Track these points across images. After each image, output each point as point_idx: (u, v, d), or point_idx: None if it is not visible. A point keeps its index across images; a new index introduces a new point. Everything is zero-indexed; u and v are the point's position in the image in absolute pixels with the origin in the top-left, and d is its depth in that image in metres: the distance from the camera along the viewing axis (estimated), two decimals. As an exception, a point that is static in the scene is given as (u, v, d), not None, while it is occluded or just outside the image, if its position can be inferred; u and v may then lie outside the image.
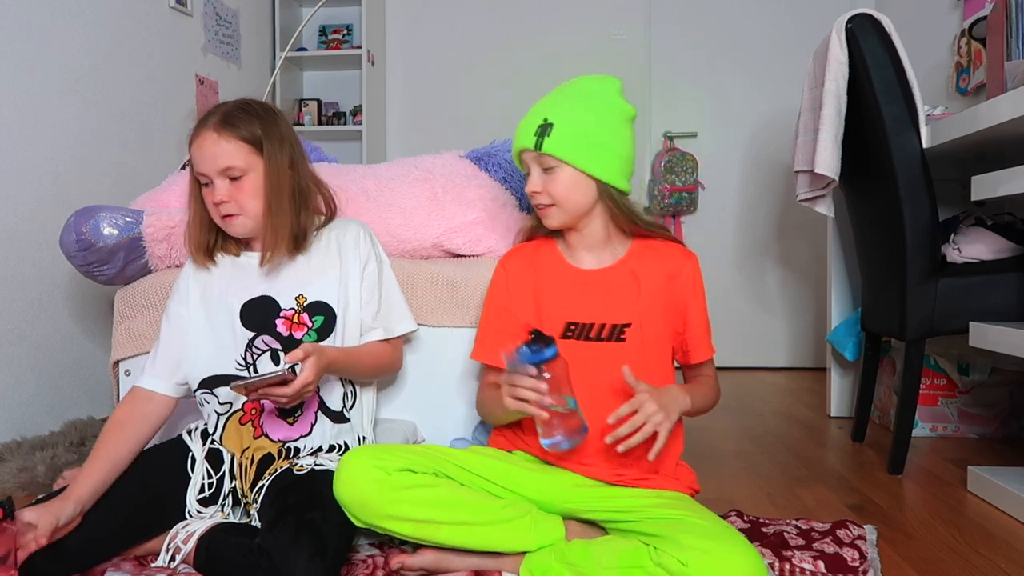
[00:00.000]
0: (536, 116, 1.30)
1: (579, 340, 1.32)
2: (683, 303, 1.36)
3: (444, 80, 3.90)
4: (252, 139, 1.34)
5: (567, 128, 1.28)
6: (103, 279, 1.68)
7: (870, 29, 1.89)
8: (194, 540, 1.25)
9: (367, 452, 1.23)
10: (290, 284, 1.41)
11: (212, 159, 1.32)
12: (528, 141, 1.29)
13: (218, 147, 1.32)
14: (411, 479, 1.20)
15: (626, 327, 1.31)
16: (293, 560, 1.09)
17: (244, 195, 1.34)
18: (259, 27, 3.61)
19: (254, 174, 1.34)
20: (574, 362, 1.28)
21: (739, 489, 1.76)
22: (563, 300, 1.34)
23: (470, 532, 1.20)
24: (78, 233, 1.59)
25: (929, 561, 1.34)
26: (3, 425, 2.07)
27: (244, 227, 1.37)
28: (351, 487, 1.19)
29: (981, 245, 1.93)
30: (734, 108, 3.73)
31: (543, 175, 1.30)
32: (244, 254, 1.44)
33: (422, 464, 1.23)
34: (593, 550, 1.16)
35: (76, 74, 2.39)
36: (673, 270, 1.36)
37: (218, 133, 1.32)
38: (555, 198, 1.30)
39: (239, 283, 1.41)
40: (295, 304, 1.40)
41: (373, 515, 1.19)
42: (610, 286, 1.34)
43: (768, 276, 3.74)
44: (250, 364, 1.38)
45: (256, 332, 1.38)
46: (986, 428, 2.28)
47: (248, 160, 1.34)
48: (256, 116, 1.36)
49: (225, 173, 1.33)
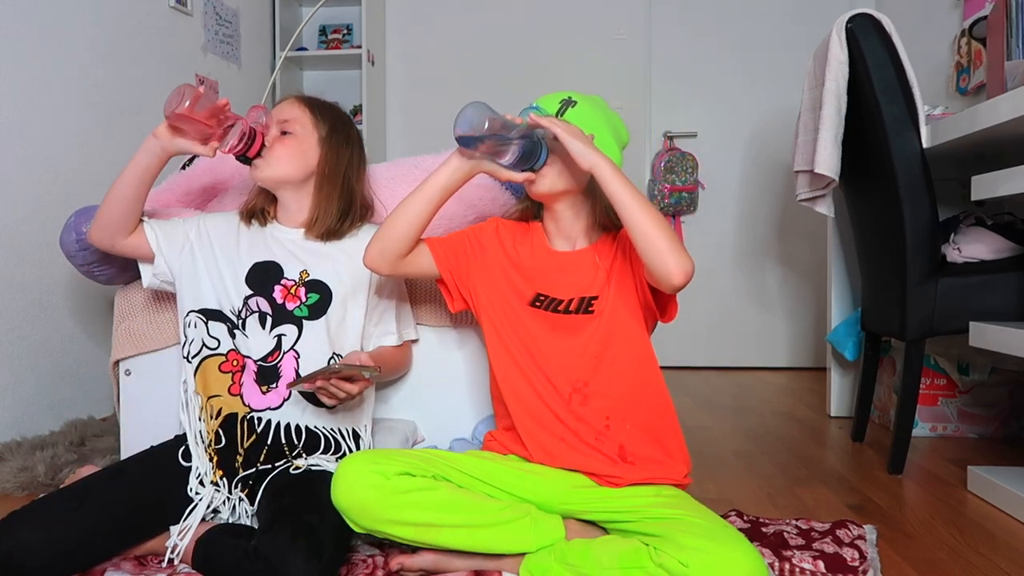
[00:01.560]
0: (559, 93, 1.36)
1: (548, 311, 1.34)
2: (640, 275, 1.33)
3: (444, 80, 3.90)
4: (317, 114, 1.47)
5: (588, 110, 1.35)
6: (103, 279, 1.68)
7: (870, 29, 1.89)
8: (189, 536, 1.26)
9: (364, 458, 1.22)
10: (300, 258, 1.46)
11: (279, 111, 1.46)
12: (551, 108, 1.34)
13: (287, 105, 1.47)
14: (410, 483, 1.20)
15: (594, 299, 1.32)
16: (289, 562, 1.09)
17: (281, 149, 1.42)
18: (259, 27, 3.61)
19: (302, 138, 1.44)
20: (544, 332, 1.34)
21: (739, 489, 1.76)
22: (535, 274, 1.37)
23: (471, 534, 1.21)
24: (78, 233, 1.59)
25: (929, 561, 1.34)
26: (3, 425, 2.08)
27: (265, 175, 1.44)
28: (350, 493, 1.18)
29: (981, 245, 1.93)
30: (734, 108, 3.73)
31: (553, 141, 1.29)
32: (273, 224, 1.51)
33: (420, 468, 1.23)
34: (593, 550, 1.16)
35: (76, 74, 2.39)
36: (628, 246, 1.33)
37: (298, 101, 1.48)
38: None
39: (258, 246, 1.47)
40: (297, 277, 1.44)
41: (373, 520, 1.19)
42: (579, 265, 1.36)
43: (768, 276, 3.74)
44: (241, 319, 1.42)
45: (254, 292, 1.43)
46: (986, 428, 2.28)
47: (303, 124, 1.45)
48: (332, 109, 1.51)
49: (281, 125, 1.44)
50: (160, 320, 1.65)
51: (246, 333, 1.40)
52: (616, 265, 1.33)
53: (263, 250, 1.47)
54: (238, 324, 1.41)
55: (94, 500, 1.22)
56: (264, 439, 1.36)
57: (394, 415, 1.68)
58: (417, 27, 3.93)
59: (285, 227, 1.50)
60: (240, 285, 1.43)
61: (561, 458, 1.31)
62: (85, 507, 1.20)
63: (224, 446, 1.35)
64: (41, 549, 1.14)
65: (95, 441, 2.05)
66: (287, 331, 1.41)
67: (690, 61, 3.76)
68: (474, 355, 1.65)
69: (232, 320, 1.42)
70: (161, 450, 1.38)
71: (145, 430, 1.57)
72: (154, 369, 1.65)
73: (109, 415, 2.32)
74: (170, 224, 1.49)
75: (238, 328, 1.41)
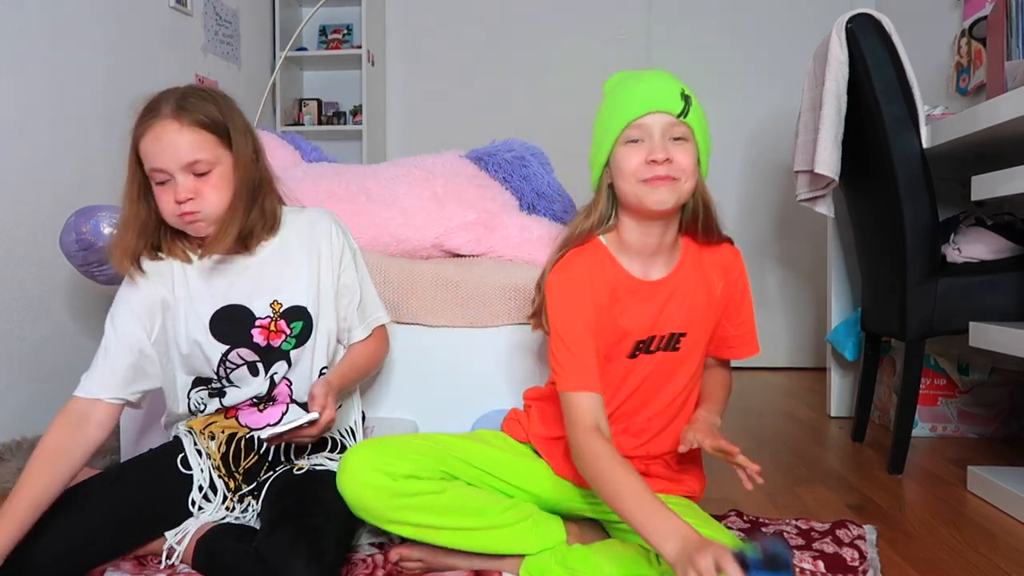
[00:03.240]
0: (674, 84, 1.19)
1: (644, 355, 1.25)
2: (729, 301, 1.31)
3: (444, 80, 3.90)
4: (217, 127, 1.21)
5: (699, 109, 1.20)
6: (103, 279, 1.68)
7: (870, 29, 1.89)
8: (188, 539, 1.25)
9: (372, 450, 1.19)
10: (260, 288, 1.31)
11: (174, 152, 1.18)
12: (673, 105, 1.16)
13: (181, 137, 1.18)
14: (416, 486, 1.18)
15: (681, 336, 1.25)
16: (291, 565, 1.09)
17: (211, 191, 1.21)
18: (259, 27, 3.61)
19: (220, 168, 1.22)
20: (632, 376, 1.25)
21: (739, 489, 1.75)
22: (630, 317, 1.22)
23: (470, 537, 1.21)
24: (78, 233, 1.59)
25: (929, 561, 1.34)
26: (3, 425, 2.07)
27: (210, 227, 1.24)
28: (353, 490, 1.18)
29: (981, 245, 1.93)
30: (734, 108, 3.73)
31: (670, 144, 1.16)
32: (214, 257, 1.30)
33: (429, 468, 1.20)
34: (594, 555, 1.16)
35: (76, 74, 2.39)
36: (723, 271, 1.30)
37: (179, 122, 1.18)
38: (683, 170, 1.16)
39: (202, 291, 1.29)
40: (271, 311, 1.31)
41: (374, 518, 1.19)
42: (670, 297, 1.24)
43: (768, 276, 3.74)
44: (223, 378, 1.32)
45: (230, 346, 1.30)
46: (986, 428, 2.28)
47: (213, 152, 1.21)
48: (213, 101, 1.23)
49: (190, 168, 1.19)
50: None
51: (237, 385, 1.32)
52: (708, 296, 1.27)
53: (212, 294, 1.29)
54: (222, 384, 1.32)
55: (95, 505, 1.22)
56: (265, 456, 1.35)
57: (394, 415, 1.67)
58: (417, 27, 3.93)
59: (231, 255, 1.30)
60: (209, 344, 1.28)
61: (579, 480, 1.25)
62: (86, 512, 1.20)
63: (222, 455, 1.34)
64: (42, 553, 1.14)
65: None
66: (279, 368, 1.33)
67: (690, 61, 3.76)
68: (474, 355, 1.65)
69: (214, 381, 1.32)
70: (160, 454, 1.36)
71: (145, 430, 1.58)
72: (154, 369, 1.64)
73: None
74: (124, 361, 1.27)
75: (225, 386, 1.32)
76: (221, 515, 1.32)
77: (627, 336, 1.23)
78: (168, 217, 1.24)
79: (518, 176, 1.88)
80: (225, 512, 1.32)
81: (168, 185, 1.22)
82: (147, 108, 1.23)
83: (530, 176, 1.90)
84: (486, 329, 1.64)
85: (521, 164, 1.90)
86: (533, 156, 1.93)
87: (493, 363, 1.64)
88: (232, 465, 1.34)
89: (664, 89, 1.18)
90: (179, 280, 1.30)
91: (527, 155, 1.92)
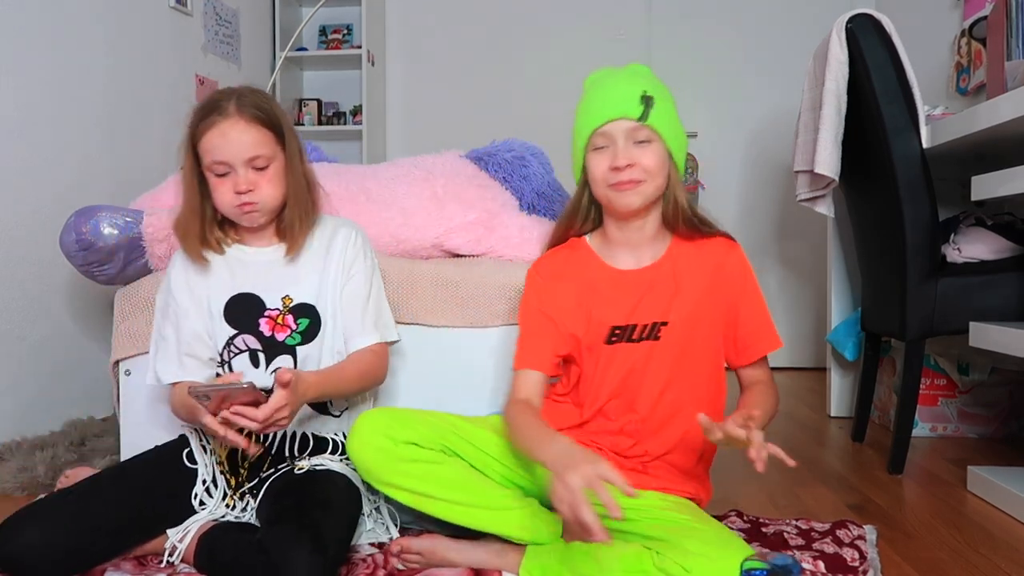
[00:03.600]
0: (634, 86, 1.22)
1: (625, 343, 1.27)
2: (731, 298, 1.30)
3: (444, 80, 3.90)
4: (275, 126, 1.32)
5: (664, 104, 1.23)
6: (103, 279, 1.68)
7: (870, 29, 1.89)
8: (189, 538, 1.26)
9: (380, 415, 1.25)
10: (277, 282, 1.37)
11: (239, 147, 1.27)
12: (632, 110, 1.20)
13: (246, 134, 1.28)
14: (416, 452, 1.22)
15: (662, 325, 1.26)
16: (293, 556, 1.09)
17: (267, 184, 1.31)
18: (259, 27, 3.61)
19: (276, 163, 1.32)
20: (613, 364, 1.27)
21: (739, 489, 1.76)
22: (606, 304, 1.28)
23: (464, 512, 1.23)
24: (78, 233, 1.59)
25: (929, 561, 1.34)
26: (3, 425, 2.07)
27: (263, 218, 1.34)
28: (358, 451, 1.23)
29: (981, 245, 1.93)
30: (734, 108, 3.73)
31: (633, 148, 1.21)
32: (236, 247, 1.39)
33: (431, 439, 1.24)
34: (596, 553, 1.16)
35: (76, 74, 2.39)
36: (716, 264, 1.29)
37: (244, 119, 1.28)
38: (648, 171, 1.21)
39: (226, 277, 1.37)
40: (280, 305, 1.36)
41: (375, 480, 1.24)
42: (650, 286, 1.28)
43: (768, 276, 3.74)
44: (225, 362, 1.35)
45: (237, 330, 1.35)
46: (986, 428, 2.28)
47: (272, 149, 1.31)
48: (268, 101, 1.33)
49: (251, 162, 1.29)
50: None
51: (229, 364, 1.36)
52: (700, 288, 1.27)
53: (232, 282, 1.37)
54: (224, 368, 1.35)
55: (98, 501, 1.22)
56: (269, 449, 1.35)
57: (394, 415, 1.67)
58: (417, 27, 3.93)
59: (252, 247, 1.39)
60: (219, 326, 1.35)
61: None
62: (90, 508, 1.21)
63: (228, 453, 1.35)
64: (45, 549, 1.14)
65: (95, 441, 2.05)
66: (283, 363, 1.35)
67: (690, 61, 3.76)
68: (475, 355, 1.65)
69: (217, 364, 1.36)
70: (165, 451, 1.37)
71: (145, 430, 1.58)
72: (154, 369, 1.64)
73: (109, 415, 2.32)
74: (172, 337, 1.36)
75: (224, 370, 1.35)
76: (222, 513, 1.32)
77: (603, 323, 1.28)
78: (225, 207, 1.32)
79: (518, 176, 1.88)
80: (226, 510, 1.33)
81: (228, 177, 1.30)
82: (209, 106, 1.30)
83: (530, 176, 1.90)
84: (486, 329, 1.64)
85: (521, 164, 1.90)
86: (533, 156, 1.93)
87: (493, 363, 1.63)
88: (238, 460, 1.34)
89: (624, 94, 1.22)
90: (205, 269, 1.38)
91: (527, 155, 1.92)
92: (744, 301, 1.30)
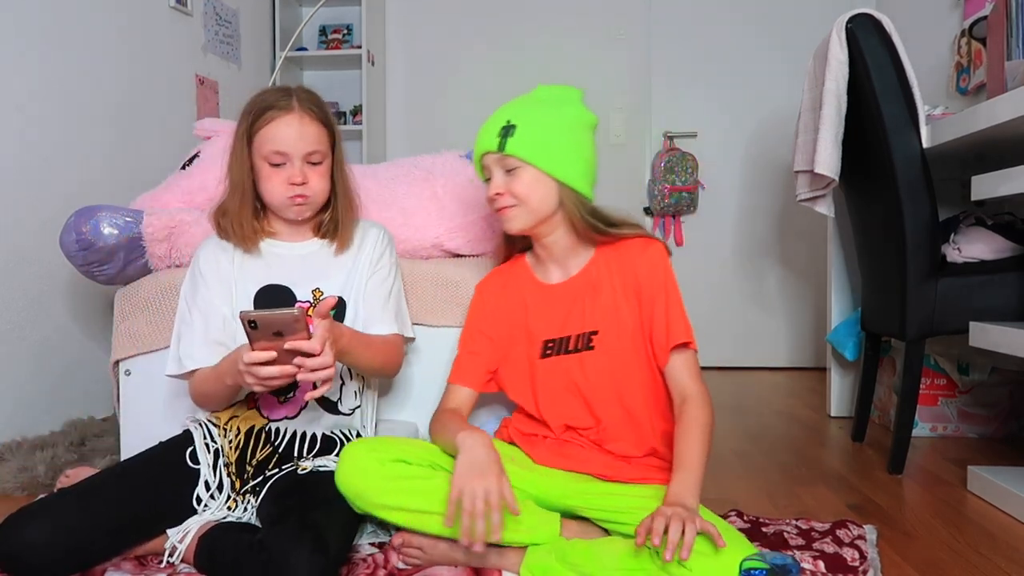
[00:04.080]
0: (498, 120, 1.29)
1: (558, 355, 1.33)
2: (644, 297, 1.30)
3: (444, 80, 3.90)
4: (330, 126, 1.38)
5: (529, 129, 1.27)
6: (103, 279, 1.68)
7: (870, 29, 1.89)
8: (190, 538, 1.26)
9: (365, 443, 1.26)
10: (309, 275, 1.41)
11: (301, 140, 1.33)
12: (491, 144, 1.28)
13: (309, 128, 1.33)
14: (405, 470, 1.22)
15: (593, 334, 1.31)
16: (295, 556, 1.09)
17: (318, 179, 1.36)
18: (259, 27, 3.61)
19: (328, 161, 1.38)
20: (555, 377, 1.32)
21: (739, 489, 1.76)
22: (539, 319, 1.35)
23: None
24: (78, 233, 1.59)
25: (929, 561, 1.34)
26: (3, 425, 2.07)
27: (309, 211, 1.39)
28: (349, 478, 1.21)
29: (981, 245, 1.93)
30: (734, 108, 3.73)
31: (505, 176, 1.29)
32: (268, 240, 1.43)
33: (418, 456, 1.25)
34: (595, 550, 1.16)
35: (76, 74, 2.39)
36: (632, 266, 1.31)
37: (308, 115, 1.34)
38: (517, 196, 1.28)
39: (256, 269, 1.41)
40: (311, 297, 1.40)
41: (369, 504, 1.22)
42: (576, 296, 1.33)
43: (768, 276, 3.74)
44: None
45: None
46: (986, 428, 2.28)
47: (327, 147, 1.37)
48: (325, 104, 1.40)
49: (308, 157, 1.34)
50: (160, 320, 1.65)
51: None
52: (618, 293, 1.30)
53: (265, 272, 1.41)
54: None
55: (100, 500, 1.22)
56: (277, 448, 1.36)
57: (395, 416, 1.67)
58: (417, 27, 3.93)
59: (286, 242, 1.44)
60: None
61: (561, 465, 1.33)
62: (92, 507, 1.21)
63: (238, 455, 1.35)
64: (48, 548, 1.14)
65: (95, 441, 2.05)
66: None
67: (690, 61, 3.76)
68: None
69: None
70: (167, 449, 1.37)
71: (145, 430, 1.58)
72: (154, 369, 1.64)
73: (109, 415, 2.32)
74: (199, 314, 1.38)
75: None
76: (223, 514, 1.32)
77: (537, 338, 1.34)
78: (277, 197, 1.36)
79: (518, 176, 1.87)
80: (227, 511, 1.33)
81: (283, 168, 1.34)
82: (270, 99, 1.34)
83: (530, 176, 1.90)
84: (486, 329, 1.64)
85: (521, 164, 1.90)
86: (533, 156, 1.93)
87: (493, 363, 1.64)
88: (246, 460, 1.35)
89: (489, 129, 1.30)
90: (237, 258, 1.42)
91: (527, 155, 1.92)
92: (656, 299, 1.29)
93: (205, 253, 1.43)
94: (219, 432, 1.37)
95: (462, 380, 1.39)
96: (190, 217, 1.66)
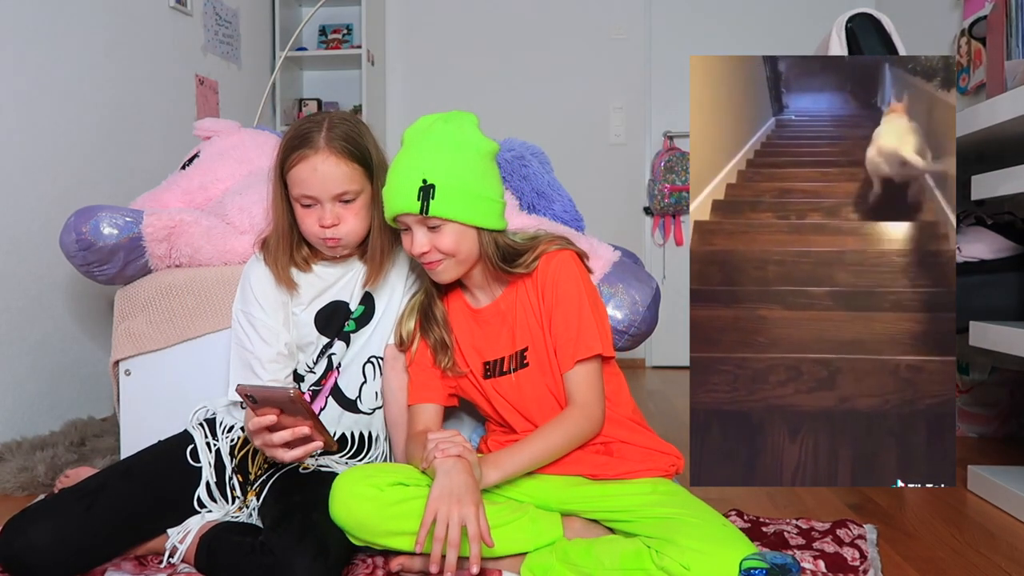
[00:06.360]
0: (412, 178, 1.23)
1: (498, 377, 1.33)
2: (547, 308, 1.30)
3: (444, 80, 3.90)
4: (366, 163, 1.31)
5: (448, 186, 1.22)
6: (103, 279, 1.68)
7: (870, 28, 1.89)
8: (191, 538, 1.26)
9: (357, 473, 1.22)
10: (358, 288, 1.41)
11: (327, 182, 1.27)
12: (411, 206, 1.22)
13: (336, 169, 1.27)
14: (405, 492, 1.19)
15: (525, 351, 1.31)
16: (296, 560, 1.09)
17: (353, 218, 1.31)
18: (259, 27, 3.61)
19: (364, 196, 1.32)
20: (502, 393, 1.33)
21: (739, 489, 1.76)
22: (475, 342, 1.36)
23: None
24: (78, 233, 1.59)
25: (929, 561, 1.34)
26: (3, 425, 2.07)
27: (345, 250, 1.36)
28: (346, 509, 1.18)
29: (981, 244, 1.93)
30: (734, 108, 3.73)
31: (428, 233, 1.25)
32: (320, 264, 1.40)
33: (414, 477, 1.23)
34: (595, 550, 1.16)
35: (76, 74, 2.39)
36: (542, 279, 1.31)
37: (335, 156, 1.27)
38: (445, 252, 1.26)
39: (314, 289, 1.40)
40: (357, 304, 1.42)
41: (371, 533, 1.18)
42: (503, 318, 1.34)
43: (768, 276, 3.74)
44: (310, 369, 1.39)
45: (330, 338, 1.39)
46: (986, 428, 2.27)
47: (361, 183, 1.31)
48: (359, 133, 1.33)
49: (338, 197, 1.29)
50: (160, 320, 1.64)
51: (314, 372, 1.41)
52: (538, 307, 1.31)
53: (321, 293, 1.40)
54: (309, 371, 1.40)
55: (104, 500, 1.22)
56: None
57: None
58: (417, 27, 3.93)
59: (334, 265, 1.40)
60: (311, 337, 1.39)
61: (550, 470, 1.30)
62: (95, 507, 1.21)
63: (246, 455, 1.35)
64: (51, 548, 1.15)
65: (95, 441, 2.05)
66: (337, 349, 1.40)
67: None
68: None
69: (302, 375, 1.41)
70: (169, 447, 1.37)
71: (145, 430, 1.57)
72: (154, 369, 1.64)
73: (109, 415, 2.32)
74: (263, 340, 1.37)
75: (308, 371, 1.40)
76: (224, 512, 1.32)
77: (477, 360, 1.35)
78: (311, 237, 1.33)
79: (518, 176, 1.88)
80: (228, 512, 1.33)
81: (313, 209, 1.30)
82: (299, 136, 1.29)
83: (530, 176, 1.90)
84: (486, 329, 1.64)
85: (521, 164, 1.90)
86: (533, 156, 1.93)
87: (493, 363, 1.64)
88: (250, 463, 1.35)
89: (400, 190, 1.23)
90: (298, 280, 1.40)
91: (527, 155, 1.92)
92: (556, 310, 1.29)
93: (258, 284, 1.38)
94: (221, 433, 1.37)
95: (423, 398, 1.36)
96: (190, 217, 1.66)
